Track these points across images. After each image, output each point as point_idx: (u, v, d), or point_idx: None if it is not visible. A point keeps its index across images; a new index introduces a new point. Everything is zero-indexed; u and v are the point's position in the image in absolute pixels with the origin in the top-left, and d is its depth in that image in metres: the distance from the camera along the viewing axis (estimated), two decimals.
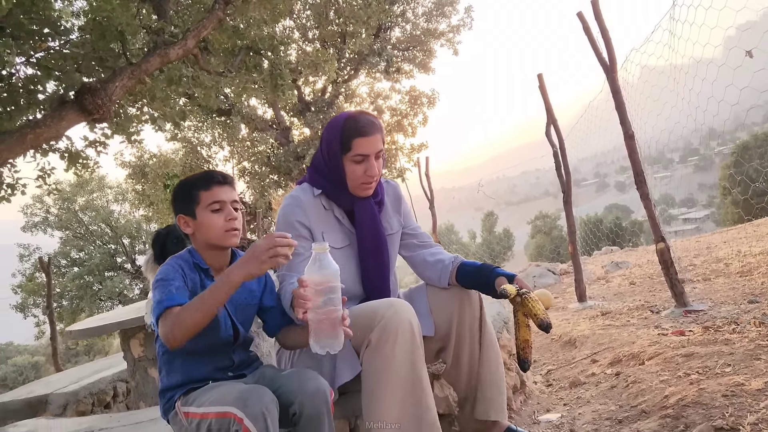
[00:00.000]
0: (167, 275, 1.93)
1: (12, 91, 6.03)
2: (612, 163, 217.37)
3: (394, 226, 2.43)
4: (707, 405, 2.12)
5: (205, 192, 2.00)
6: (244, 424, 1.63)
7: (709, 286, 5.17)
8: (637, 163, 4.43)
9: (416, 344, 1.97)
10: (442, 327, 2.29)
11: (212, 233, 2.00)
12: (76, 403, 3.83)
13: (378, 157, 2.20)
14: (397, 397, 1.93)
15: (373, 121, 2.21)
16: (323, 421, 1.82)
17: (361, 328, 2.01)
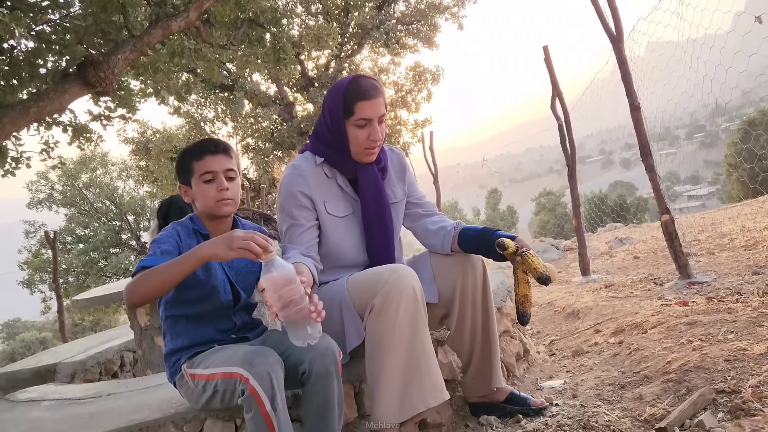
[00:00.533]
0: (160, 238, 1.97)
1: (14, 64, 6.00)
2: (617, 140, 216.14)
3: (398, 194, 2.42)
4: (709, 369, 2.13)
5: (198, 162, 2.01)
6: (250, 384, 1.65)
7: (713, 259, 5.17)
8: (642, 134, 4.40)
9: (419, 309, 1.99)
10: (446, 294, 2.31)
11: (205, 203, 2.02)
12: (83, 372, 3.88)
13: (381, 122, 2.18)
14: (400, 361, 1.95)
15: (375, 84, 2.19)
16: (332, 380, 1.84)
17: (364, 294, 2.03)
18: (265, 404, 1.65)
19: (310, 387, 1.84)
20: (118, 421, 2.10)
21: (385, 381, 1.95)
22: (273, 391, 1.66)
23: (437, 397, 1.98)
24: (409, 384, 1.96)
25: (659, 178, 4.43)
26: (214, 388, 1.83)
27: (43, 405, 2.70)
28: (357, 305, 2.06)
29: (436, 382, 1.99)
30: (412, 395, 1.96)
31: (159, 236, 1.99)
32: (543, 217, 43.54)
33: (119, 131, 18.03)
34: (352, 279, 2.13)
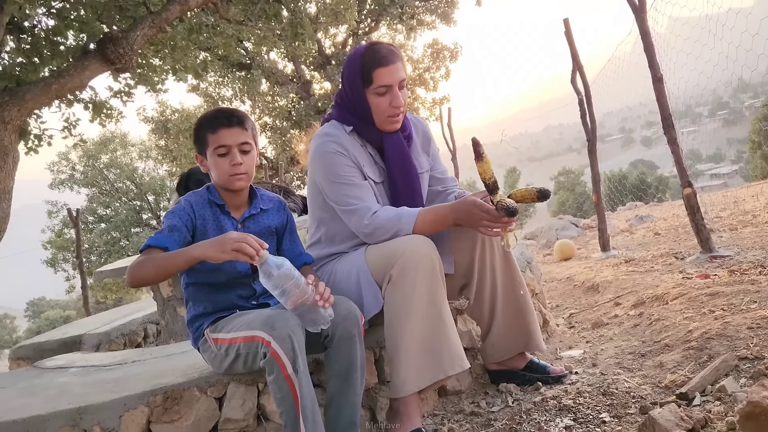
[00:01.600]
0: (172, 211, 1.99)
1: (35, 42, 6.06)
2: (638, 118, 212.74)
3: (424, 165, 2.40)
4: (731, 337, 2.12)
5: (212, 135, 1.99)
6: (272, 347, 1.67)
7: (736, 234, 5.11)
8: (665, 106, 4.33)
9: (437, 279, 1.99)
10: (463, 264, 2.31)
11: (219, 176, 2.02)
12: (108, 343, 3.97)
13: (401, 87, 2.16)
14: (418, 331, 1.97)
15: (392, 49, 2.16)
16: (355, 342, 1.86)
17: (382, 264, 2.04)
18: (286, 366, 1.67)
19: (332, 350, 1.86)
20: (144, 385, 2.14)
21: (404, 350, 1.97)
22: (294, 354, 1.68)
23: (456, 366, 1.99)
24: (428, 353, 1.98)
25: (681, 151, 4.36)
26: (236, 352, 1.86)
27: (71, 371, 2.77)
28: (375, 275, 2.08)
29: (456, 350, 2.00)
30: (431, 364, 1.97)
31: (172, 208, 2.02)
32: (562, 195, 43.24)
33: (138, 110, 18.17)
34: (371, 249, 2.14)
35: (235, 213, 2.10)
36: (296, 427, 1.67)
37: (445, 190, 2.44)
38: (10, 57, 5.85)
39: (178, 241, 1.92)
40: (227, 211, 2.08)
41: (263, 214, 2.17)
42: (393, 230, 2.08)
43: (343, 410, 1.83)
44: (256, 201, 2.15)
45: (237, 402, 2.06)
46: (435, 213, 2.07)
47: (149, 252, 1.86)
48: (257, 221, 2.15)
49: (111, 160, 24.22)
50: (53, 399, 2.24)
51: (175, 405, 2.05)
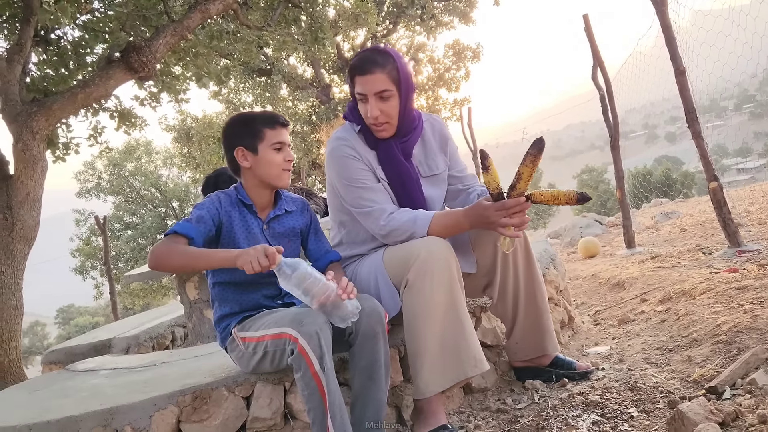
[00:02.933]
0: (201, 204, 2.04)
1: (62, 54, 6.20)
2: (661, 113, 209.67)
3: (440, 165, 2.38)
4: (761, 330, 2.08)
5: (271, 131, 2.07)
6: (299, 343, 1.70)
7: (765, 228, 5.01)
8: (688, 100, 4.27)
9: (454, 281, 2.00)
10: (486, 264, 2.30)
11: (271, 171, 2.08)
12: (137, 347, 4.03)
13: (382, 98, 2.12)
14: (436, 334, 1.97)
15: (375, 57, 2.12)
16: (379, 340, 1.88)
17: (399, 268, 2.05)
18: (314, 363, 1.69)
19: (357, 347, 1.88)
20: (173, 386, 2.18)
21: (424, 353, 1.98)
22: (321, 351, 1.70)
23: (475, 368, 1.99)
24: (448, 355, 1.98)
25: (706, 144, 4.30)
26: (264, 350, 1.88)
27: (102, 373, 2.82)
28: (393, 278, 2.10)
29: (475, 352, 2.00)
30: (451, 366, 1.98)
31: (201, 202, 2.07)
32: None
33: (161, 119, 18.43)
34: (388, 251, 2.16)
35: (261, 214, 2.15)
36: (324, 424, 1.69)
37: (467, 188, 2.42)
38: (38, 69, 5.98)
39: (204, 233, 1.97)
40: (254, 212, 2.13)
41: (288, 215, 2.22)
42: (408, 233, 2.09)
43: (369, 407, 1.85)
44: (280, 202, 2.20)
45: (264, 401, 2.08)
46: (449, 218, 2.07)
47: (174, 238, 1.90)
48: (282, 222, 2.19)
49: (136, 168, 24.63)
50: (85, 400, 2.29)
51: (204, 404, 2.08)
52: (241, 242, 2.06)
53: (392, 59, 2.14)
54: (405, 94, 2.17)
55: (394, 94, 2.14)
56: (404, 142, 2.27)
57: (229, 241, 2.06)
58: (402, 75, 2.14)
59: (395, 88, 2.13)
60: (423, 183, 2.32)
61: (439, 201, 2.39)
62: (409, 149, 2.30)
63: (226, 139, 2.12)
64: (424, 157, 2.36)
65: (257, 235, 2.11)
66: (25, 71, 5.39)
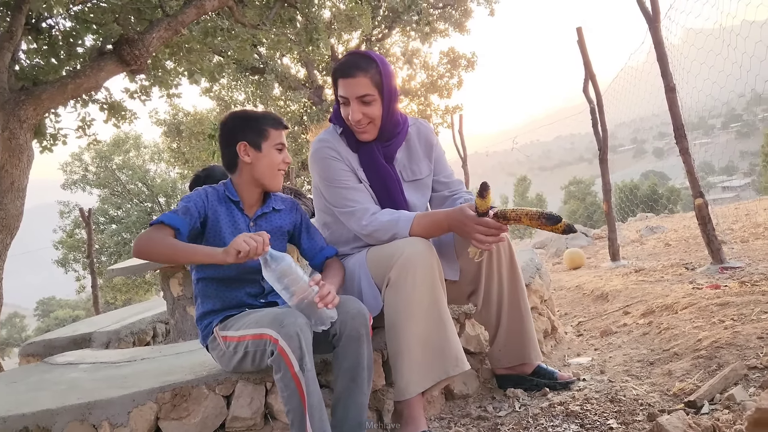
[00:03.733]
0: (189, 196, 2.05)
1: (52, 43, 6.14)
2: (650, 129, 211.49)
3: (423, 170, 2.38)
4: (741, 346, 2.11)
5: (275, 131, 2.11)
6: (279, 344, 1.69)
7: (747, 246, 5.07)
8: (677, 116, 4.32)
9: (435, 280, 2.00)
10: (471, 270, 2.29)
11: (269, 170, 2.11)
12: (117, 341, 3.99)
13: (364, 102, 2.12)
14: (417, 333, 1.97)
15: (358, 62, 2.13)
16: (363, 342, 1.87)
17: (381, 267, 2.05)
18: (293, 364, 1.69)
19: (340, 349, 1.87)
20: (152, 382, 2.16)
21: (405, 352, 1.97)
22: (301, 352, 1.70)
23: (456, 368, 1.99)
24: (429, 354, 1.98)
25: (694, 161, 4.35)
26: (244, 350, 1.88)
27: (81, 367, 2.79)
28: (375, 277, 2.10)
29: (456, 351, 2.01)
30: (432, 365, 1.98)
31: (189, 194, 2.07)
32: (572, 205, 43.06)
33: (151, 113, 18.31)
34: (371, 251, 2.16)
35: (248, 211, 2.16)
36: (303, 426, 1.68)
37: (453, 194, 2.42)
38: (28, 57, 5.92)
39: (190, 225, 1.98)
40: (241, 208, 2.13)
41: (276, 214, 2.22)
42: (390, 233, 2.10)
43: (351, 410, 1.84)
44: (269, 200, 2.21)
45: (245, 400, 2.07)
46: (430, 218, 2.07)
47: (160, 228, 1.90)
48: (269, 220, 2.20)
49: (124, 161, 24.42)
50: (63, 394, 2.27)
51: (184, 402, 2.07)
52: (227, 237, 2.05)
53: (375, 64, 2.14)
54: (387, 99, 2.16)
55: (377, 98, 2.14)
56: (387, 146, 2.27)
57: (215, 235, 2.06)
58: (385, 80, 2.14)
59: (377, 92, 2.14)
60: (405, 187, 2.32)
61: (422, 206, 2.38)
62: (392, 153, 2.30)
63: (229, 133, 2.12)
64: (407, 162, 2.36)
65: (243, 231, 2.10)
66: (14, 59, 5.34)
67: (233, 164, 2.13)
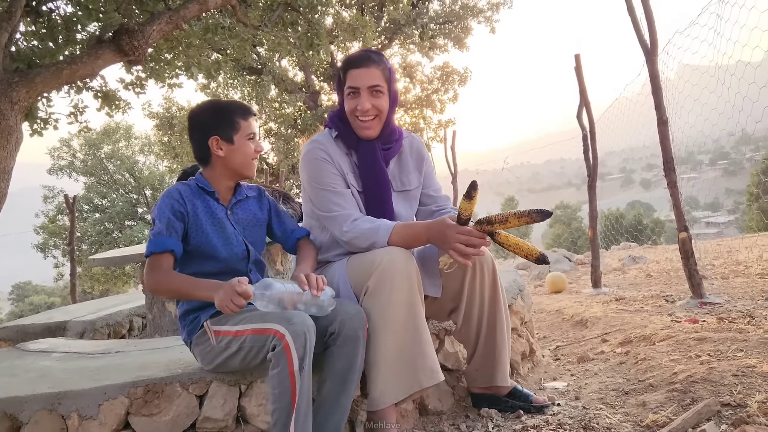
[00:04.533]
0: (160, 210, 2.03)
1: (51, 27, 6.09)
2: (639, 159, 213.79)
3: (413, 182, 2.41)
4: (716, 382, 2.12)
5: (244, 121, 2.11)
6: (285, 340, 1.70)
7: (727, 283, 5.12)
8: (668, 149, 4.37)
9: (414, 290, 2.00)
10: (453, 288, 2.29)
11: (244, 160, 2.12)
12: (92, 332, 3.94)
13: (374, 94, 2.18)
14: (394, 342, 1.97)
15: (370, 55, 2.20)
16: (359, 344, 1.89)
17: (360, 276, 2.05)
18: (294, 363, 1.69)
19: (336, 348, 1.88)
20: (126, 376, 2.14)
21: (381, 362, 1.97)
22: (304, 352, 1.71)
23: (431, 379, 1.99)
24: (405, 364, 1.98)
25: (681, 195, 4.39)
26: (239, 345, 1.87)
27: (53, 356, 2.75)
28: (354, 286, 2.09)
29: (431, 362, 2.00)
30: (407, 375, 1.97)
31: (160, 205, 2.03)
32: (557, 229, 43.30)
33: (144, 105, 18.21)
34: (351, 259, 2.16)
35: (223, 200, 2.19)
36: (286, 426, 1.68)
37: (439, 209, 2.44)
38: (25, 39, 5.86)
39: (179, 237, 1.99)
40: (217, 198, 2.15)
41: (249, 201, 2.27)
42: (370, 240, 2.10)
43: (335, 414, 1.84)
44: (240, 189, 2.24)
45: (218, 401, 2.05)
46: (410, 229, 2.08)
47: (157, 260, 1.94)
48: (245, 208, 2.24)
49: (113, 151, 24.24)
50: (33, 381, 2.23)
51: (156, 399, 2.05)
52: (209, 230, 2.06)
53: (386, 61, 2.23)
54: (393, 98, 2.25)
55: (385, 93, 2.21)
56: (386, 148, 2.31)
57: (197, 230, 2.06)
58: (392, 79, 2.24)
59: (386, 87, 2.20)
60: (394, 197, 2.33)
61: (408, 218, 2.40)
62: (388, 158, 2.33)
63: (198, 127, 2.13)
64: (398, 172, 2.39)
65: (223, 220, 2.12)
66: (11, 40, 5.28)
67: (206, 157, 2.14)
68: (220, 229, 2.10)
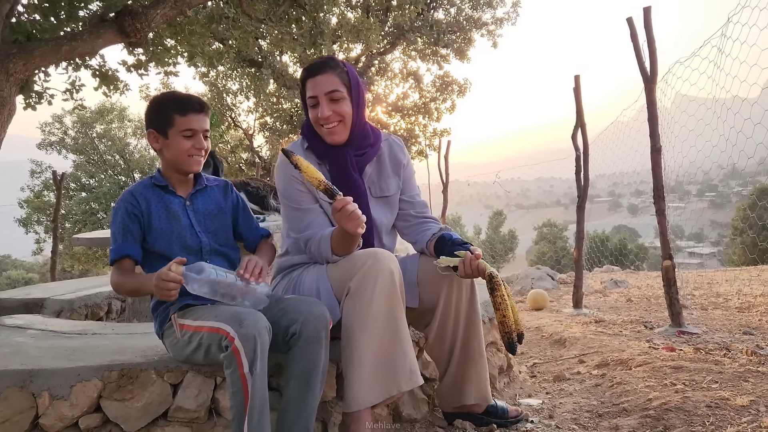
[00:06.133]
0: (114, 218, 2.06)
1: (54, 2, 6.04)
2: (628, 185, 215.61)
3: (391, 188, 2.35)
4: (690, 412, 2.14)
5: (181, 117, 2.05)
6: (234, 343, 1.69)
7: (706, 315, 5.17)
8: (659, 177, 4.40)
9: (396, 292, 1.97)
10: (430, 301, 2.22)
11: (179, 156, 2.08)
12: (70, 312, 3.89)
13: (334, 100, 2.13)
14: (373, 344, 1.94)
15: (327, 61, 2.15)
16: (321, 345, 1.87)
17: (342, 277, 2.03)
18: (243, 365, 1.69)
19: (297, 349, 1.86)
20: (101, 359, 2.12)
21: (359, 363, 1.94)
22: (254, 355, 1.70)
23: (410, 382, 1.96)
24: (383, 367, 1.95)
25: (668, 223, 4.43)
26: (199, 341, 1.86)
27: (29, 333, 2.72)
28: (335, 288, 2.07)
29: (411, 365, 1.97)
30: (385, 378, 1.94)
31: (115, 210, 2.06)
32: (542, 247, 43.47)
33: (141, 88, 18.09)
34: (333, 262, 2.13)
35: (181, 192, 2.16)
36: (241, 425, 1.69)
37: (420, 217, 2.37)
38: (27, 12, 5.81)
39: (137, 239, 2.03)
40: (172, 191, 2.13)
41: (210, 191, 2.24)
42: (323, 258, 2.13)
43: (301, 414, 1.82)
44: (200, 180, 2.22)
45: (192, 392, 2.04)
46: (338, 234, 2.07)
47: (120, 266, 2.00)
48: (206, 197, 2.21)
49: (105, 131, 24.04)
50: (6, 357, 2.21)
51: (130, 384, 2.03)
52: (155, 223, 2.06)
53: (342, 65, 2.18)
54: (356, 101, 2.18)
55: (345, 97, 2.15)
56: (359, 155, 2.26)
57: (149, 230, 2.06)
58: (353, 81, 2.18)
59: (346, 91, 2.15)
60: (373, 203, 2.30)
61: (388, 223, 2.36)
62: (363, 164, 2.28)
63: (145, 120, 2.13)
64: (377, 177, 2.34)
65: (178, 213, 2.11)
66: (12, 11, 5.23)
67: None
68: (174, 223, 2.08)
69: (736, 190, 63.23)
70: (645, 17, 4.45)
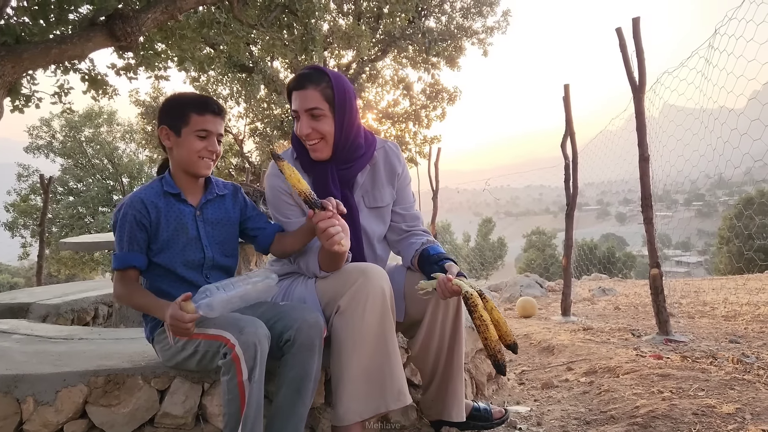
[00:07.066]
0: (122, 224, 1.97)
1: (44, 5, 6.01)
2: (616, 193, 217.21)
3: (385, 198, 2.30)
4: (676, 420, 2.15)
5: (198, 117, 2.01)
6: (235, 350, 1.68)
7: (693, 323, 5.20)
8: (647, 186, 4.44)
9: (387, 311, 1.95)
10: (415, 315, 2.21)
11: (189, 157, 2.02)
12: (56, 317, 3.86)
13: (314, 117, 2.07)
14: (363, 363, 1.93)
15: (310, 75, 2.08)
16: (315, 353, 1.86)
17: (332, 294, 2.00)
18: (243, 373, 1.68)
19: (290, 356, 1.85)
20: (87, 364, 2.10)
21: (348, 381, 1.93)
22: (254, 363, 1.69)
23: (398, 401, 1.95)
24: (372, 384, 1.94)
25: (656, 232, 4.46)
26: (194, 348, 1.84)
27: (14, 337, 2.69)
28: (324, 304, 2.04)
29: (399, 384, 1.96)
30: (374, 395, 1.94)
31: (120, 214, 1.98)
32: (531, 254, 43.60)
33: (131, 92, 18.02)
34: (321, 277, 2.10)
35: (192, 200, 2.09)
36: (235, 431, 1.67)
37: (410, 231, 2.33)
38: (16, 14, 5.78)
39: (143, 249, 1.97)
40: (183, 199, 2.07)
41: (221, 200, 2.17)
42: (311, 272, 2.11)
43: (290, 422, 1.81)
44: (211, 187, 2.15)
45: (179, 398, 2.03)
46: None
47: (125, 275, 1.95)
48: (216, 207, 2.15)
49: (93, 135, 23.92)
50: None
51: (116, 390, 2.01)
52: (169, 234, 2.01)
53: (327, 78, 2.09)
54: (340, 116, 2.09)
55: (326, 113, 2.07)
56: (343, 169, 2.20)
57: (155, 236, 2.00)
58: (337, 95, 2.08)
59: (328, 107, 2.08)
60: (365, 214, 2.26)
61: (381, 234, 2.33)
62: (351, 176, 2.22)
63: (158, 116, 2.08)
64: (370, 187, 2.29)
65: (187, 225, 2.04)
66: (1, 14, 5.21)
67: (164, 148, 2.09)
68: (181, 236, 2.02)
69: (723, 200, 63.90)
70: (634, 27, 4.49)
